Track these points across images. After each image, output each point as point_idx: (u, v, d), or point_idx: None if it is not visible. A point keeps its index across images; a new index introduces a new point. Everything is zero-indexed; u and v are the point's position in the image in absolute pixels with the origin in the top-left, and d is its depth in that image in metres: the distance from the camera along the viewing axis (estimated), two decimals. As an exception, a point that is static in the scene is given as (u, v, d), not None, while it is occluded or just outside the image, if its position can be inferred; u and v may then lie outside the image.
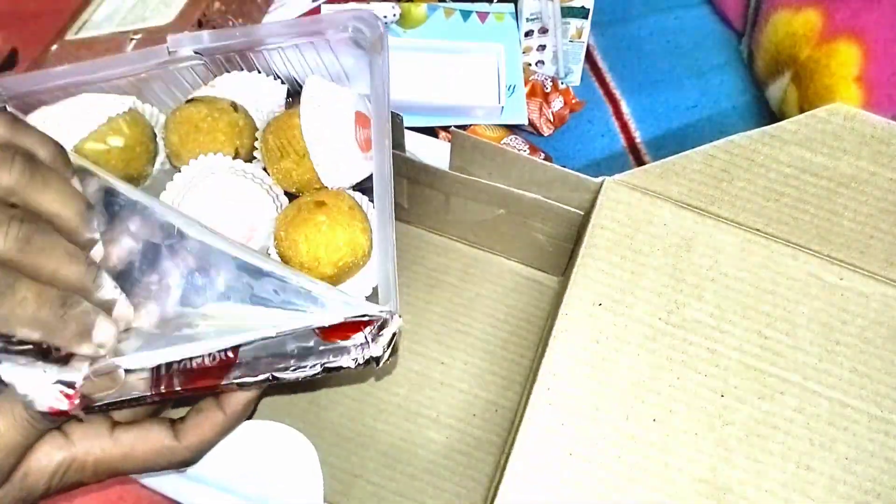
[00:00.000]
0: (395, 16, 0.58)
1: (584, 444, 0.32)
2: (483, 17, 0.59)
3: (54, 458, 0.28)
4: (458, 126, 0.53)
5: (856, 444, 0.33)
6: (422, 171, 0.45)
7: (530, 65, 0.59)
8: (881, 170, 0.36)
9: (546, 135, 0.57)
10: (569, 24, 0.58)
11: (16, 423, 0.26)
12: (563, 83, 0.58)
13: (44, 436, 0.28)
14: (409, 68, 0.55)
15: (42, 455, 0.28)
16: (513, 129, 0.57)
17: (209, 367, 0.28)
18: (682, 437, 0.33)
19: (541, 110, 0.56)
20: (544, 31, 0.58)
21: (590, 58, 0.61)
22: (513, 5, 0.60)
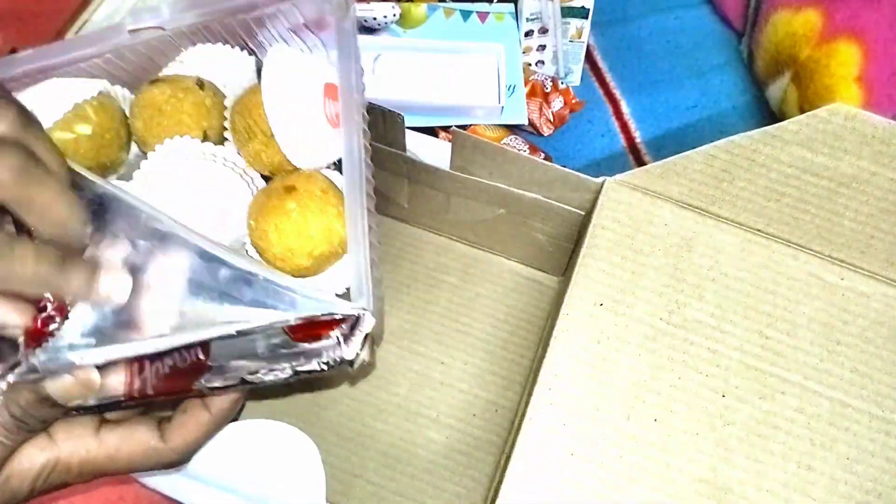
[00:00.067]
0: (395, 16, 0.58)
1: (585, 444, 0.32)
2: (483, 17, 0.59)
3: (37, 461, 0.27)
4: (458, 126, 0.53)
5: (856, 444, 0.33)
6: (422, 170, 0.45)
7: (530, 65, 0.59)
8: (882, 170, 0.36)
9: (546, 135, 0.57)
10: (569, 24, 0.58)
11: None
12: (563, 83, 0.58)
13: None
14: (409, 68, 0.55)
15: (25, 457, 0.27)
16: (513, 129, 0.57)
17: (180, 370, 0.27)
18: (683, 437, 0.33)
19: (541, 110, 0.56)
20: (544, 31, 0.58)
21: (590, 58, 0.61)
22: (513, 5, 0.60)
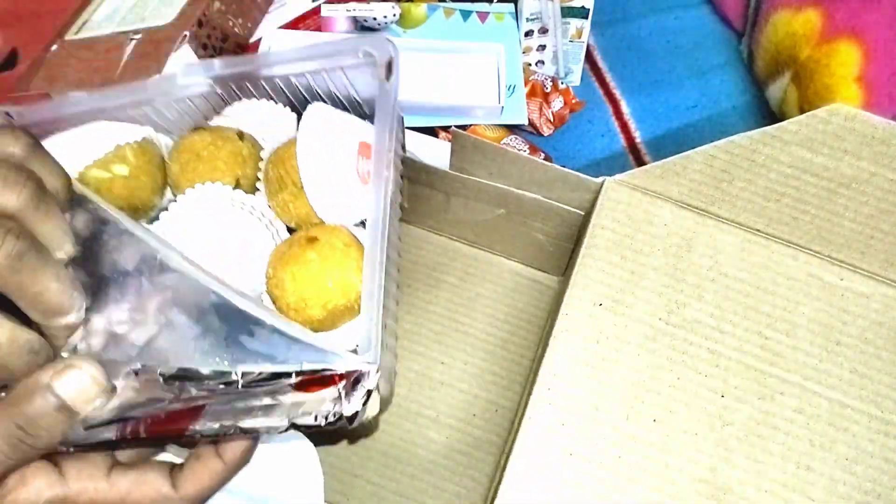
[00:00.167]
0: (395, 16, 0.58)
1: (584, 445, 0.32)
2: (483, 17, 0.59)
3: (44, 495, 0.27)
4: (458, 126, 0.53)
5: (856, 445, 0.33)
6: (422, 171, 0.45)
7: (530, 65, 0.59)
8: (882, 170, 0.36)
9: (546, 135, 0.57)
10: (569, 24, 0.58)
11: None
12: (563, 83, 0.58)
13: (37, 470, 0.27)
14: (409, 68, 0.55)
15: (32, 489, 0.27)
16: (513, 129, 0.57)
17: (176, 413, 0.27)
18: (683, 437, 0.33)
19: (541, 110, 0.56)
20: (544, 31, 0.58)
21: (590, 58, 0.61)
22: (513, 5, 0.60)
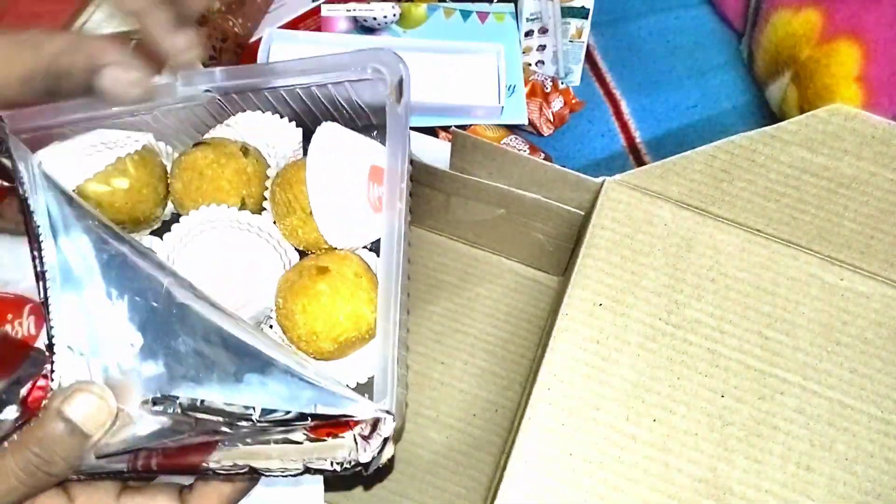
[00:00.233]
0: (395, 16, 0.58)
1: (584, 444, 0.32)
2: (483, 17, 0.59)
3: None
4: (458, 126, 0.53)
5: (855, 445, 0.33)
6: (422, 171, 0.45)
7: (530, 65, 0.59)
8: (882, 170, 0.36)
9: (546, 135, 0.57)
10: (569, 24, 0.58)
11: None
12: (563, 83, 0.58)
13: (46, 498, 0.27)
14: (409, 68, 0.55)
15: None
16: (513, 129, 0.57)
17: (189, 448, 0.26)
18: (682, 437, 0.33)
19: (541, 110, 0.56)
20: (544, 31, 0.58)
21: (590, 58, 0.61)
22: (513, 5, 0.60)
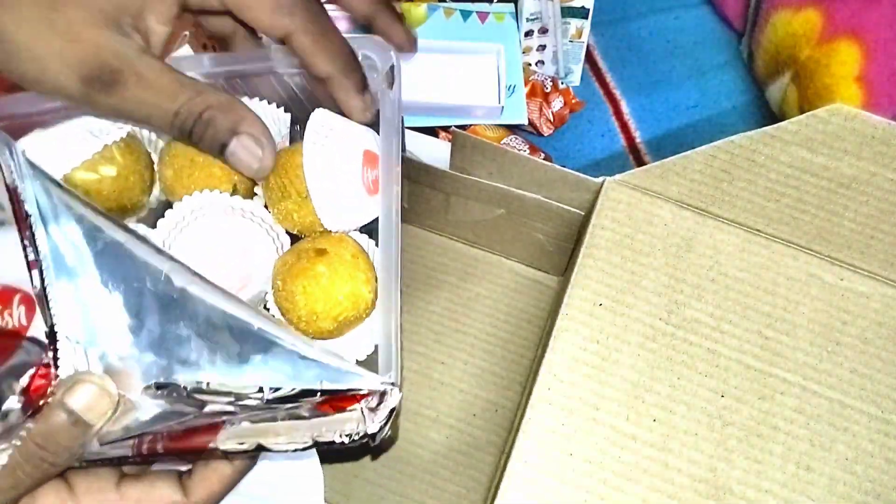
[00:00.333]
0: (395, 15, 0.58)
1: (584, 444, 0.32)
2: (483, 17, 0.59)
3: None
4: (458, 126, 0.53)
5: (856, 445, 0.33)
6: (422, 171, 0.45)
7: (530, 65, 0.59)
8: (882, 170, 0.36)
9: (546, 135, 0.57)
10: (569, 24, 0.58)
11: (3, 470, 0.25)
12: (563, 83, 0.58)
13: (46, 487, 0.27)
14: (408, 68, 0.55)
15: (42, 503, 0.26)
16: (513, 129, 0.57)
17: (195, 430, 0.26)
18: (682, 437, 0.33)
19: (541, 110, 0.56)
20: (544, 31, 0.58)
21: (590, 58, 0.61)
22: (513, 5, 0.60)
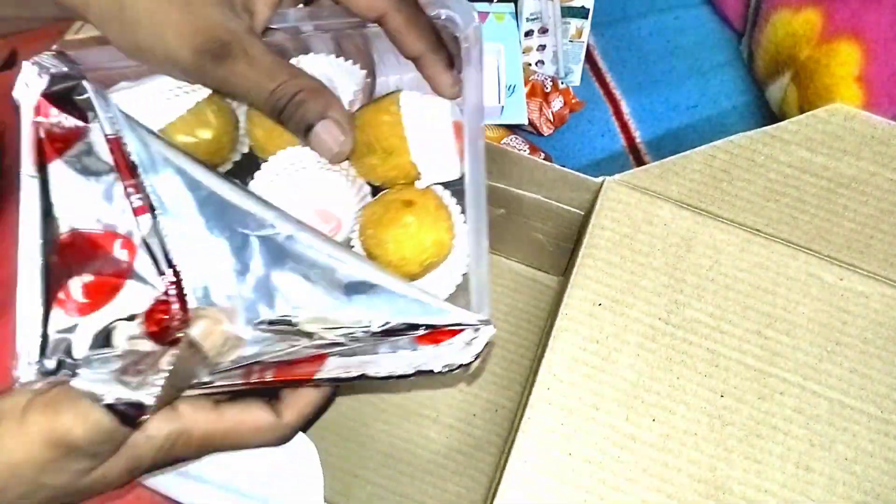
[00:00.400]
0: (395, 16, 0.58)
1: (583, 444, 0.32)
2: (483, 17, 0.59)
3: (163, 430, 0.28)
4: (458, 126, 0.53)
5: (855, 445, 0.33)
6: (422, 171, 0.45)
7: (530, 65, 0.59)
8: (881, 170, 0.36)
9: (546, 135, 0.57)
10: (569, 24, 0.58)
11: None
12: (563, 83, 0.58)
13: None
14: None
15: (151, 426, 0.28)
16: (513, 129, 0.57)
17: (302, 361, 0.29)
18: (682, 437, 0.33)
19: (541, 110, 0.56)
20: (544, 31, 0.58)
21: (590, 58, 0.61)
22: (513, 5, 0.60)
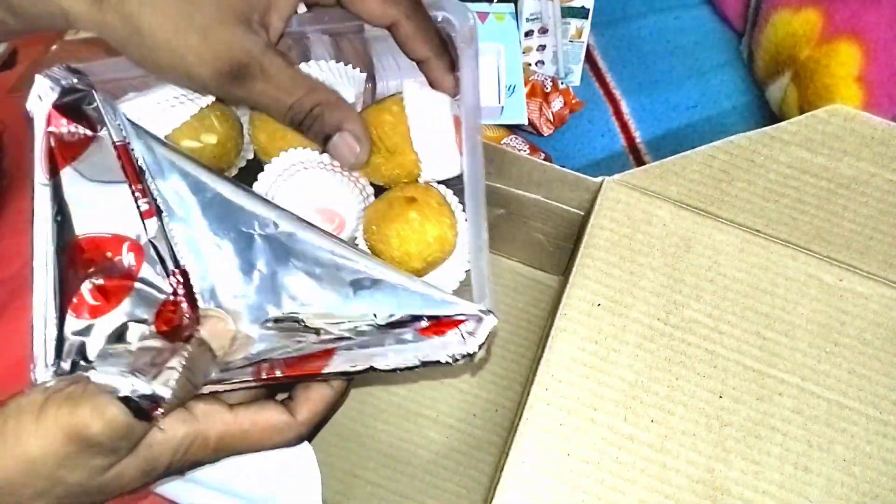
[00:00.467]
0: (395, 15, 0.58)
1: (581, 445, 0.32)
2: (483, 17, 0.59)
3: (179, 432, 0.28)
4: (458, 126, 0.53)
5: (854, 446, 0.33)
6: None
7: (530, 65, 0.59)
8: (881, 171, 0.36)
9: (546, 135, 0.57)
10: (569, 24, 0.58)
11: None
12: (563, 83, 0.58)
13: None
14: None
15: (167, 427, 0.28)
16: (513, 129, 0.57)
17: (310, 357, 0.29)
18: (680, 437, 0.33)
19: (541, 110, 0.56)
20: (544, 31, 0.58)
21: (590, 58, 0.61)
22: (513, 5, 0.59)
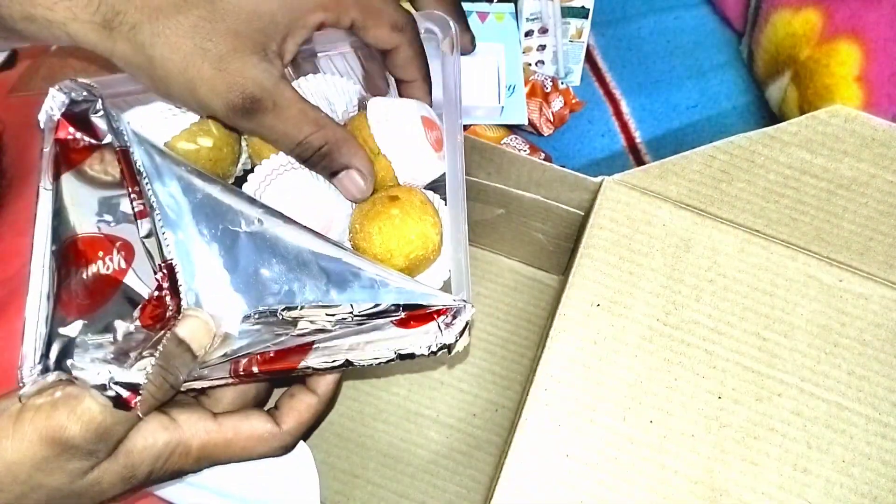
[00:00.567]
0: (395, 15, 0.58)
1: (580, 445, 0.32)
2: (483, 17, 0.59)
3: (160, 439, 0.27)
4: (457, 126, 0.53)
5: (853, 447, 0.33)
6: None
7: (530, 65, 0.59)
8: (881, 172, 0.36)
9: (546, 135, 0.57)
10: (569, 24, 0.58)
11: (108, 407, 0.25)
12: (563, 83, 0.58)
13: (149, 416, 0.27)
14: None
15: (148, 434, 0.27)
16: (513, 129, 0.57)
17: (287, 351, 0.29)
18: (679, 438, 0.33)
19: (541, 110, 0.56)
20: (544, 31, 0.58)
21: (590, 58, 0.61)
22: (513, 5, 0.59)
